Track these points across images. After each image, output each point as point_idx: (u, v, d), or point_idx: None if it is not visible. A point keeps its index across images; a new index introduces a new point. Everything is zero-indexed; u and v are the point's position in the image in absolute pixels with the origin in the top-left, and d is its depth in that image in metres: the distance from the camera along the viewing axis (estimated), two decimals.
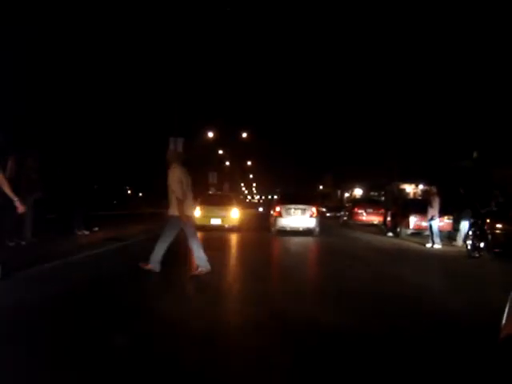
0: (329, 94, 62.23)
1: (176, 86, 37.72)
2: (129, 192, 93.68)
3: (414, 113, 39.09)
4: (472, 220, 16.24)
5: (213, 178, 57.85)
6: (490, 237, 13.22)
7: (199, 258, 9.26)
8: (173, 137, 33.09)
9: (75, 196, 15.91)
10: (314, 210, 21.40)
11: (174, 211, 9.16)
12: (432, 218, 17.38)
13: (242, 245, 18.32)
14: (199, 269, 9.23)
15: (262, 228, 25.48)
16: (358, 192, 60.20)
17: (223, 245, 17.10)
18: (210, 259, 9.32)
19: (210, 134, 55.88)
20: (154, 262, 9.20)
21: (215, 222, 22.77)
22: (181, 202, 9.00)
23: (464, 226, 17.11)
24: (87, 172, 17.63)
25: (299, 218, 21.16)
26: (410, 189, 44.34)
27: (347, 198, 65.57)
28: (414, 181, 42.08)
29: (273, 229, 21.69)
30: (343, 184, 66.16)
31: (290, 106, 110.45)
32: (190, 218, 9.36)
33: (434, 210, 17.47)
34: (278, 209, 21.47)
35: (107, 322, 5.90)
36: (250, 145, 79.23)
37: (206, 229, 21.53)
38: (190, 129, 47.57)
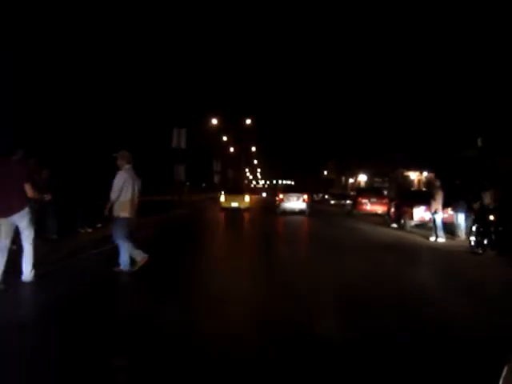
0: (333, 80, 62.07)
1: (180, 74, 37.73)
2: None
3: (418, 100, 38.98)
4: (467, 212, 16.37)
5: (217, 165, 57.96)
6: (493, 233, 13.21)
7: (124, 255, 9.74)
8: (176, 128, 33.25)
9: (76, 193, 15.92)
10: (305, 197, 30.75)
11: (117, 212, 9.68)
12: (435, 212, 17.38)
13: (253, 219, 28.23)
14: (120, 267, 9.75)
15: (267, 209, 37.23)
16: (362, 178, 60.14)
17: (241, 220, 27.74)
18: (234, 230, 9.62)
19: (214, 121, 55.77)
20: (124, 265, 9.74)
21: (234, 204, 34.13)
22: (110, 202, 9.62)
23: (460, 218, 17.13)
24: (87, 168, 17.60)
25: (295, 203, 30.46)
26: (414, 176, 44.30)
27: (351, 184, 65.60)
28: (418, 168, 41.99)
29: (277, 210, 31.09)
30: (347, 170, 66.08)
31: (294, 92, 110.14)
32: (129, 219, 9.86)
33: (437, 204, 17.45)
34: (281, 196, 31.35)
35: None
36: (254, 131, 79.24)
37: (229, 210, 33.22)
38: (195, 116, 47.63)
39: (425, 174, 41.19)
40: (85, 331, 6.05)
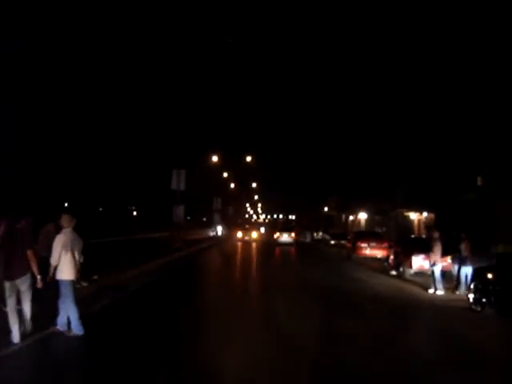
0: (335, 118, 62.35)
1: (180, 113, 37.99)
2: (134, 213, 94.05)
3: (419, 139, 39.06)
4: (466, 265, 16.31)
5: (217, 203, 58.00)
6: (492, 292, 13.03)
7: (61, 319, 9.82)
8: (176, 169, 33.34)
9: None
10: (292, 234, 50.42)
11: (60, 275, 9.76)
12: (434, 264, 17.27)
13: (260, 247, 40.47)
14: (57, 326, 9.82)
15: (268, 241, 53.56)
16: (362, 216, 60.00)
17: (251, 247, 37.55)
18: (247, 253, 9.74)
19: (215, 159, 55.94)
20: (61, 325, 9.82)
21: (247, 238, 53.63)
22: (52, 267, 9.69)
23: (456, 271, 17.01)
24: (83, 213, 17.49)
25: (286, 238, 48.96)
26: (414, 216, 44.13)
27: (351, 222, 65.51)
28: (418, 208, 41.83)
29: (275, 242, 48.65)
30: (348, 208, 65.97)
31: (294, 129, 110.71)
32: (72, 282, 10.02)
33: (435, 256, 17.35)
34: (277, 234, 51.11)
35: None
36: (254, 167, 79.46)
37: (244, 241, 50.38)
38: (195, 155, 47.79)
39: (425, 214, 41.03)
40: None
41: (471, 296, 14.00)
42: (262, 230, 79.75)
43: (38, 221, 12.45)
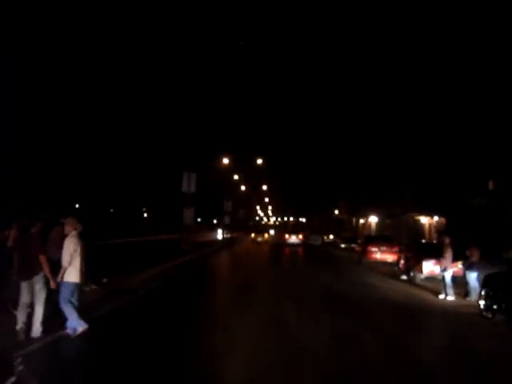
0: (346, 122, 62.24)
1: (192, 116, 38.05)
2: (145, 215, 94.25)
3: (430, 143, 38.90)
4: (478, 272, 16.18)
5: (227, 205, 58.01)
6: (503, 299, 12.91)
7: (71, 319, 9.92)
8: (187, 172, 33.37)
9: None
10: (300, 236, 56.42)
11: (65, 277, 9.97)
12: (445, 269, 17.17)
13: (271, 248, 44.66)
14: (67, 330, 9.91)
15: (277, 242, 58.75)
16: (373, 219, 59.78)
17: (261, 250, 41.52)
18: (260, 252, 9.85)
19: (226, 161, 55.92)
20: (77, 325, 9.92)
21: (259, 239, 60.78)
22: (63, 269, 9.91)
23: (471, 277, 16.81)
24: (95, 224, 17.50)
25: (294, 240, 54.20)
26: (425, 220, 43.91)
27: (362, 225, 65.29)
28: (429, 213, 41.62)
29: (285, 243, 53.78)
30: (358, 211, 65.76)
31: (306, 131, 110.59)
32: (77, 285, 10.20)
33: (446, 261, 17.26)
34: (287, 235, 56.82)
35: None
36: (265, 169, 79.46)
37: (256, 242, 57.46)
38: (206, 157, 47.85)
39: (436, 218, 40.83)
40: None
41: (482, 302, 13.89)
42: (272, 232, 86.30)
43: (49, 223, 12.55)
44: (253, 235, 63.06)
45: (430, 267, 20.37)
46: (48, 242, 11.42)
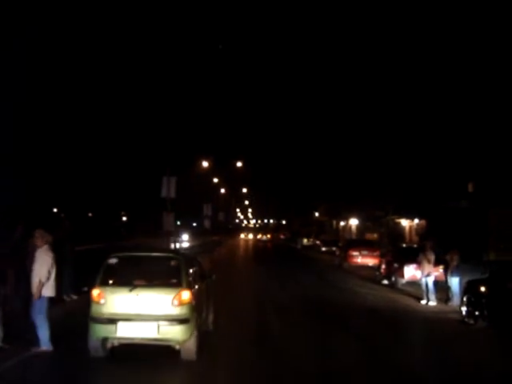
0: (326, 124, 62.35)
1: (171, 118, 37.77)
2: (124, 219, 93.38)
3: (410, 146, 39.03)
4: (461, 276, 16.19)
5: (207, 209, 57.62)
6: (485, 305, 12.87)
7: (43, 335, 9.51)
8: (166, 176, 32.96)
9: (61, 257, 15.19)
10: (268, 236, 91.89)
11: (44, 292, 9.64)
12: (428, 275, 17.15)
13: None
14: (41, 345, 9.47)
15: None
16: (353, 222, 59.86)
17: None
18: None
19: (205, 164, 55.53)
20: (45, 343, 9.49)
21: (247, 237, 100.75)
22: (41, 284, 9.51)
23: (452, 282, 16.75)
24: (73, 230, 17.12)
25: (264, 237, 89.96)
26: (405, 223, 44.03)
27: (342, 227, 65.44)
28: (410, 215, 41.70)
29: (257, 239, 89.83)
30: (339, 213, 65.83)
31: (286, 134, 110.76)
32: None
33: (429, 267, 17.23)
34: (259, 235, 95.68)
35: None
36: (245, 172, 79.31)
37: (244, 239, 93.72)
38: (185, 161, 47.56)
39: (416, 221, 40.96)
40: None
41: (464, 309, 13.85)
42: (251, 236, 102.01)
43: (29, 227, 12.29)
44: (242, 236, 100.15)
45: (411, 272, 20.29)
46: (28, 254, 11.20)
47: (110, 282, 9.28)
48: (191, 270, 9.86)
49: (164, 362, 9.09)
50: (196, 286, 9.71)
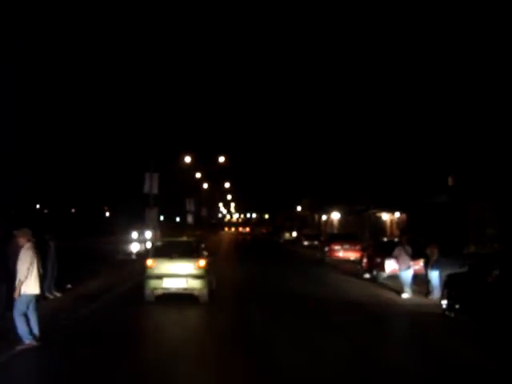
0: (308, 119, 62.57)
1: (153, 113, 37.74)
2: (107, 214, 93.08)
3: (390, 140, 39.35)
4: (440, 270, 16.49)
5: (189, 204, 57.66)
6: (465, 298, 13.10)
7: (21, 329, 9.72)
8: (148, 172, 33.01)
9: (44, 255, 15.15)
10: (247, 229, 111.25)
11: (25, 289, 9.79)
12: (408, 267, 17.46)
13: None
14: (26, 341, 9.67)
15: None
16: (335, 216, 60.19)
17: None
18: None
19: (188, 159, 55.39)
20: (27, 337, 9.72)
21: (231, 231, 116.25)
22: (20, 283, 9.69)
23: (432, 276, 16.99)
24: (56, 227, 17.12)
25: (245, 230, 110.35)
26: (386, 216, 44.42)
27: (324, 222, 65.76)
28: (390, 209, 42.08)
29: (238, 232, 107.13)
30: (320, 208, 66.18)
31: (268, 128, 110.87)
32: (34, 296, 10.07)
33: (407, 260, 17.55)
34: (240, 228, 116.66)
35: None
36: (227, 168, 79.33)
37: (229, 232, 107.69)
38: (167, 156, 47.51)
39: (397, 215, 41.34)
40: None
41: (444, 302, 14.08)
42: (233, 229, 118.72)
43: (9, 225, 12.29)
44: (226, 229, 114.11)
45: (392, 266, 20.40)
46: (10, 254, 11.22)
47: (158, 255, 15.71)
48: (203, 247, 16.77)
49: (189, 304, 14.98)
50: (207, 258, 15.88)
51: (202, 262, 15.10)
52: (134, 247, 36.72)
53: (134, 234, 43.05)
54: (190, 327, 12.90)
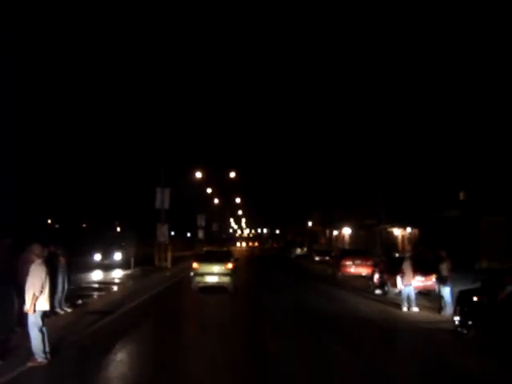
0: (319, 134, 62.64)
1: (165, 129, 37.93)
2: (118, 229, 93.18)
3: (402, 155, 39.31)
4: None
5: (201, 220, 57.73)
6: (478, 315, 13.00)
7: (36, 347, 9.69)
8: (160, 188, 33.15)
9: (55, 272, 15.17)
10: (256, 243, 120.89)
11: (38, 305, 9.77)
12: (408, 284, 17.69)
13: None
14: (36, 358, 9.62)
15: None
16: (346, 231, 60.04)
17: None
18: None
19: (199, 175, 55.65)
20: (39, 354, 9.65)
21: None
22: (35, 298, 9.65)
23: (445, 292, 16.94)
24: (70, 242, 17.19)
25: (255, 244, 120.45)
26: (398, 232, 44.25)
27: (336, 237, 65.50)
28: (402, 224, 41.95)
29: (248, 246, 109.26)
30: (332, 222, 66.02)
31: (279, 144, 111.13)
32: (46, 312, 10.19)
33: (408, 276, 17.78)
34: (250, 243, 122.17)
35: None
36: (239, 182, 79.49)
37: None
38: (179, 171, 47.69)
39: (408, 230, 41.18)
40: None
41: (457, 318, 13.98)
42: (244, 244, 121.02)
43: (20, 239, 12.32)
44: (238, 244, 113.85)
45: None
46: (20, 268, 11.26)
47: (200, 260, 22.49)
48: (231, 255, 23.91)
49: (221, 292, 21.26)
50: (233, 263, 22.68)
51: (230, 265, 21.92)
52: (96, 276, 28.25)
53: (97, 256, 35.45)
54: (224, 305, 19.31)
